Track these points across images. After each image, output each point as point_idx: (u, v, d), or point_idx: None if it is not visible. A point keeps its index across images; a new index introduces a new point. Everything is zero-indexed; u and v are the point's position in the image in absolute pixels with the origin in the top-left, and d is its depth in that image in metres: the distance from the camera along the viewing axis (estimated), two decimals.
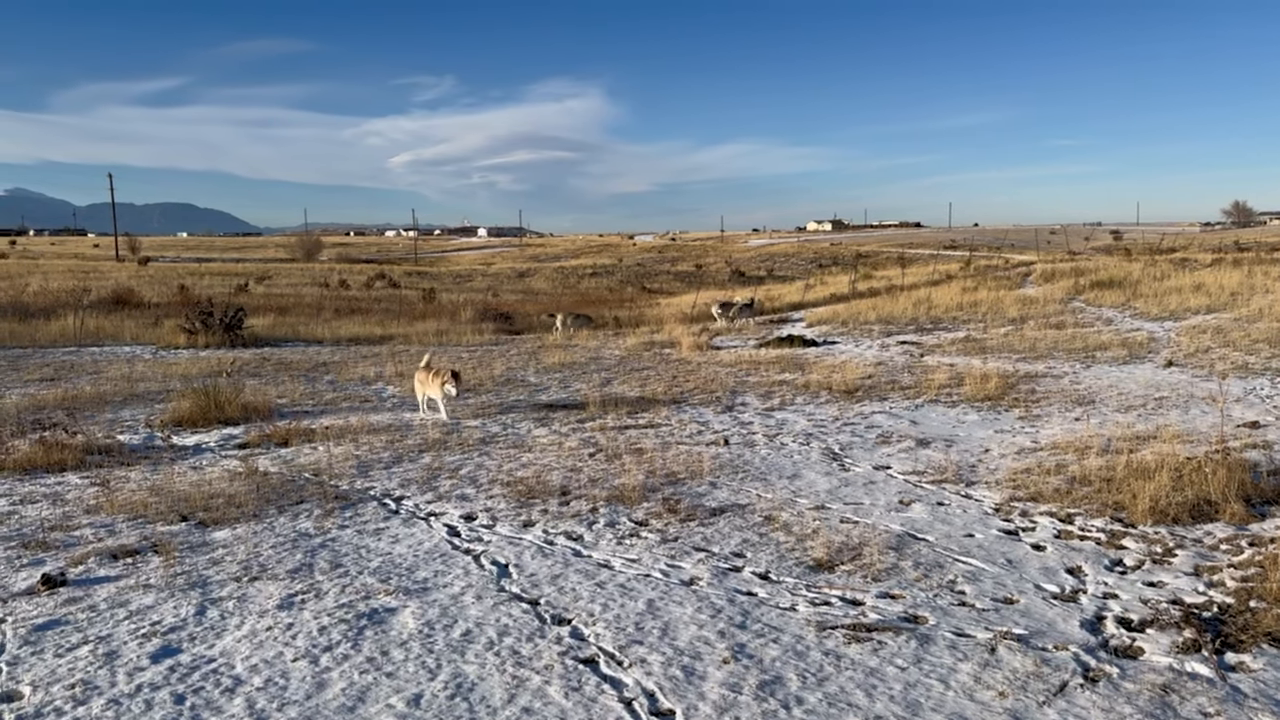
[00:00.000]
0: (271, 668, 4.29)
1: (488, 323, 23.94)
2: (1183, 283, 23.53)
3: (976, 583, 5.22)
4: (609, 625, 4.70)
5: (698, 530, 6.26)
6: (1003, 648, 4.35)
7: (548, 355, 16.26)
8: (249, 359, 15.87)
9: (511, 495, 7.15)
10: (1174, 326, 17.06)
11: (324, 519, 6.60)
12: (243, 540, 6.14)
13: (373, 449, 8.82)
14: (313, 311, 27.42)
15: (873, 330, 19.26)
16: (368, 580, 5.39)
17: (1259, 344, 14.01)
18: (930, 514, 6.55)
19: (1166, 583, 5.17)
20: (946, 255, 63.27)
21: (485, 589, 5.22)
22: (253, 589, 5.28)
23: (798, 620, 4.75)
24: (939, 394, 11.31)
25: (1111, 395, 10.84)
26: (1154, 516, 6.15)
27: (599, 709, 3.86)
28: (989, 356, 14.44)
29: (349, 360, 15.84)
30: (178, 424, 10.04)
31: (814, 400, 11.25)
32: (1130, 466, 7.03)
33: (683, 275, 64.87)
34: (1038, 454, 8.12)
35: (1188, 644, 4.34)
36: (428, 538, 6.17)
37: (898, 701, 3.89)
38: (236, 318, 18.90)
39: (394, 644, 4.52)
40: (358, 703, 3.95)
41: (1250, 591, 4.94)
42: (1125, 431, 8.58)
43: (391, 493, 7.31)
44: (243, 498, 7.07)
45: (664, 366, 14.71)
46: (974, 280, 29.49)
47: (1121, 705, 3.80)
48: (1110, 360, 13.58)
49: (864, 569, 5.46)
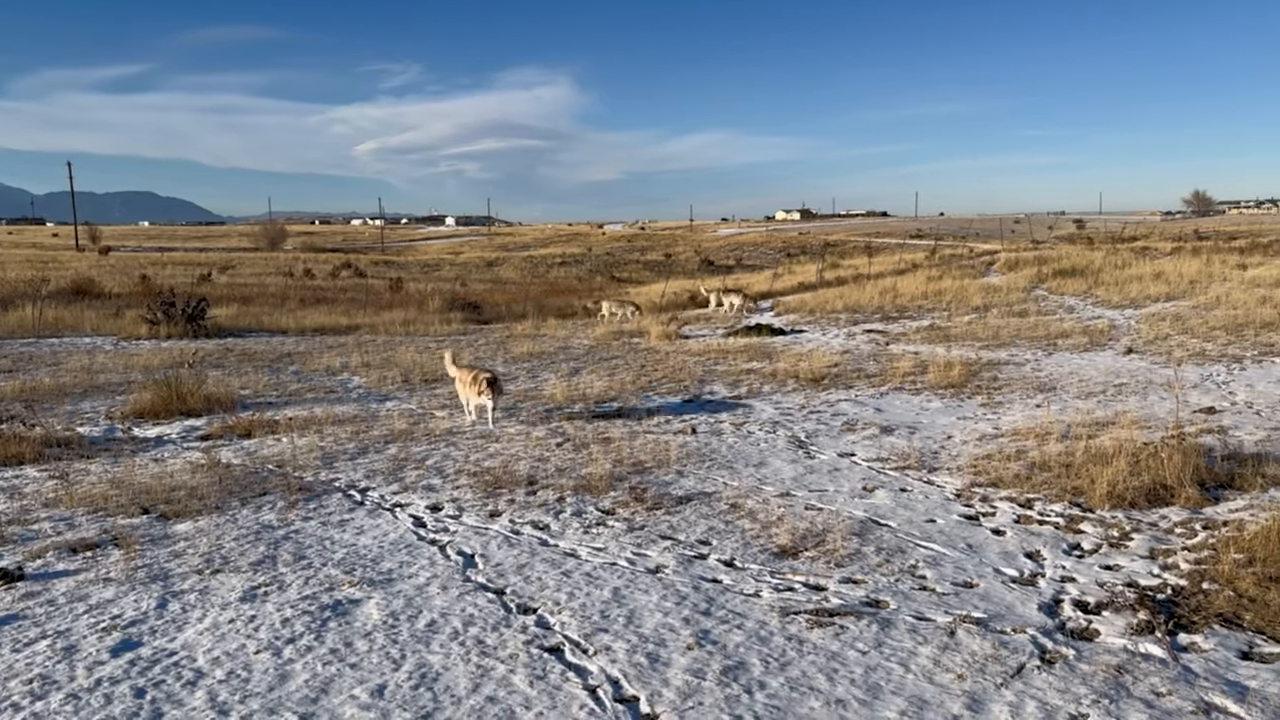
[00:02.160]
0: (234, 660, 4.26)
1: (456, 312, 23.83)
2: (1143, 271, 23.90)
3: (937, 567, 5.29)
4: (574, 614, 4.71)
5: (664, 518, 6.29)
6: (962, 631, 4.42)
7: (516, 345, 16.22)
8: (212, 350, 15.69)
9: (478, 485, 7.14)
10: (1134, 314, 17.32)
11: (287, 511, 6.55)
12: (205, 533, 6.09)
13: (338, 440, 8.76)
14: (277, 301, 27.13)
15: (840, 319, 19.39)
16: (332, 572, 5.36)
17: (1216, 331, 14.27)
18: (893, 500, 6.62)
19: (1123, 566, 5.27)
20: (913, 244, 63.74)
21: (451, 579, 5.22)
22: (215, 581, 5.24)
23: (761, 606, 4.79)
24: (903, 382, 11.42)
25: (1072, 382, 11.00)
26: (1111, 501, 6.26)
27: (563, 697, 3.88)
28: (953, 345, 14.59)
29: (314, 351, 15.71)
30: (139, 416, 9.91)
31: (781, 389, 11.32)
32: (1089, 452, 7.15)
33: (652, 264, 64.90)
34: (999, 440, 8.23)
35: (1142, 626, 4.43)
36: (393, 529, 6.15)
37: (858, 685, 3.94)
38: (199, 308, 18.65)
39: (358, 635, 4.51)
40: (321, 694, 3.94)
41: (1203, 574, 5.05)
42: (1085, 418, 8.72)
43: (356, 484, 7.27)
44: (205, 490, 7.01)
45: (633, 356, 14.72)
46: (939, 269, 29.77)
47: (1076, 686, 3.88)
48: (1071, 348, 13.78)
49: (827, 555, 5.51)
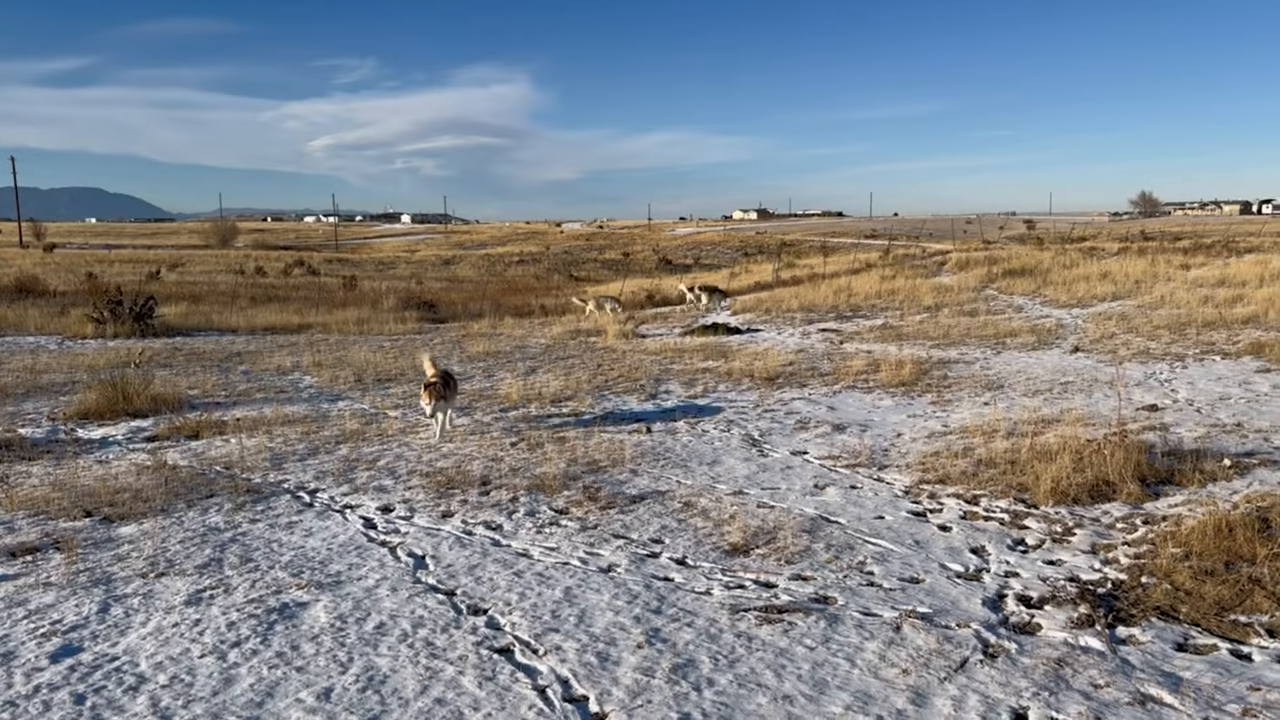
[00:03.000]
0: (177, 665, 4.20)
1: (411, 311, 23.64)
2: (1090, 271, 24.39)
3: (885, 563, 5.36)
4: (525, 614, 4.71)
5: (618, 518, 6.30)
6: (908, 626, 4.49)
7: (472, 344, 16.14)
8: (160, 349, 15.42)
9: (431, 486, 7.10)
10: (1081, 313, 17.67)
11: (235, 513, 6.46)
12: (149, 536, 5.98)
13: (287, 441, 8.65)
14: (227, 300, 26.71)
15: (795, 318, 19.54)
16: (279, 574, 5.30)
17: (1160, 330, 14.60)
18: (843, 497, 6.70)
19: (1065, 561, 5.38)
20: (867, 244, 64.44)
21: (401, 581, 5.18)
22: (159, 585, 5.16)
23: (712, 604, 4.82)
24: (856, 380, 11.54)
25: (1020, 380, 11.20)
26: (1055, 497, 6.39)
27: (512, 697, 3.87)
28: (905, 343, 14.77)
29: (265, 350, 15.49)
30: (83, 417, 9.71)
31: (736, 387, 11.38)
32: (1034, 449, 7.28)
33: (610, 263, 64.88)
34: (947, 438, 8.35)
35: (1082, 619, 4.53)
36: (343, 530, 6.09)
37: (805, 681, 3.98)
38: (147, 306, 18.31)
39: (305, 638, 4.46)
40: (266, 697, 3.90)
41: (1142, 568, 5.17)
42: (1031, 415, 8.88)
43: (306, 485, 7.19)
44: (150, 492, 6.89)
45: (589, 355, 14.72)
46: (892, 269, 30.12)
47: (1018, 680, 3.96)
48: (1020, 346, 14.02)
49: (778, 552, 5.56)
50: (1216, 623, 4.47)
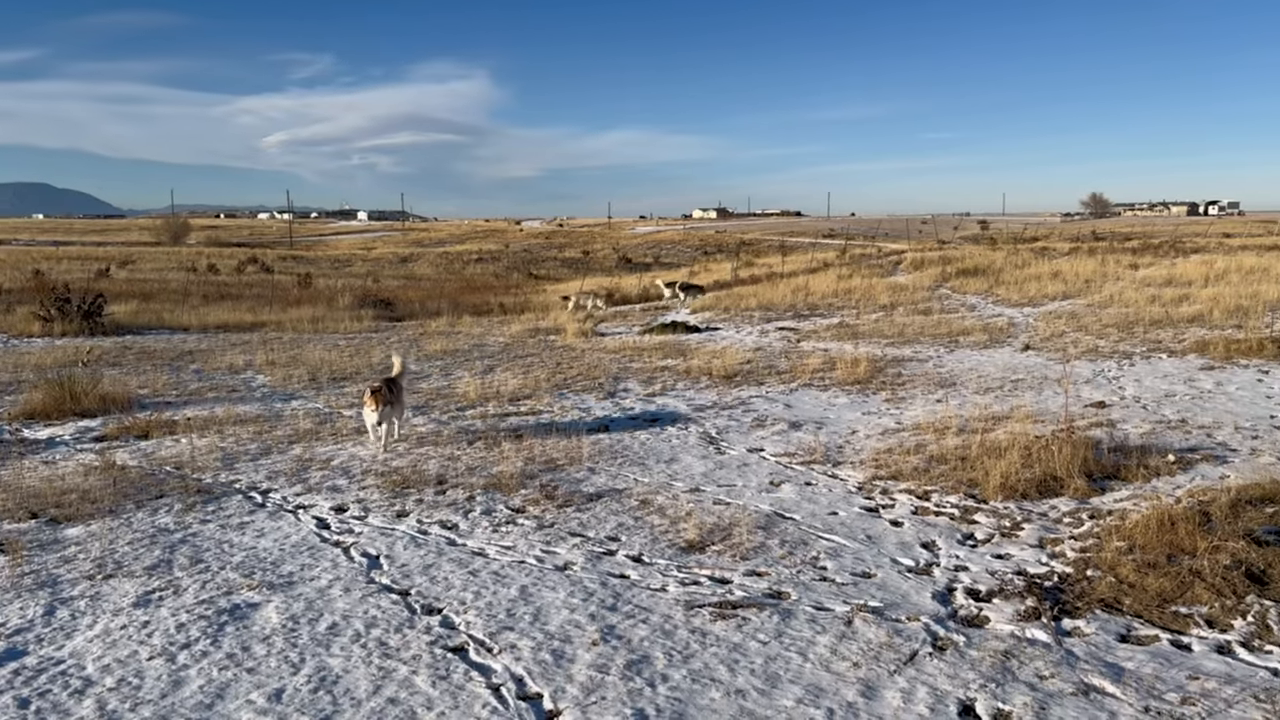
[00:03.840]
0: (125, 667, 4.14)
1: (367, 309, 23.38)
2: (1042, 271, 24.81)
3: (838, 558, 5.43)
4: (480, 613, 4.70)
5: (574, 515, 6.31)
6: (859, 620, 4.55)
7: (430, 343, 16.03)
8: (109, 348, 15.12)
9: (386, 486, 7.05)
10: (1033, 312, 17.98)
11: (185, 514, 6.37)
12: (97, 537, 5.88)
13: (239, 440, 8.54)
14: (179, 298, 26.25)
15: (753, 316, 19.66)
16: (230, 575, 5.24)
17: (1109, 329, 14.91)
18: (798, 494, 6.76)
19: (1013, 555, 5.48)
20: (825, 244, 64.93)
21: (354, 581, 5.15)
22: (107, 587, 5.07)
23: (667, 600, 4.85)
24: (812, 378, 11.65)
25: (972, 378, 11.37)
26: (1004, 492, 6.50)
27: (466, 696, 3.87)
28: (860, 342, 14.93)
29: (217, 348, 15.27)
30: (29, 417, 9.50)
31: (694, 385, 11.43)
32: (984, 445, 7.41)
33: (570, 262, 64.73)
34: (900, 434, 8.47)
35: (1029, 612, 4.63)
36: (295, 531, 6.03)
37: (758, 675, 4.02)
38: (96, 304, 17.96)
39: (256, 639, 4.41)
40: (216, 699, 3.86)
41: (1088, 561, 5.29)
42: (982, 412, 9.03)
43: (258, 485, 7.11)
44: (98, 493, 6.77)
45: (548, 353, 14.69)
46: (849, 268, 30.40)
47: (966, 672, 4.03)
48: (972, 345, 14.24)
49: (733, 548, 5.60)
50: (1158, 614, 4.58)
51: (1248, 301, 16.66)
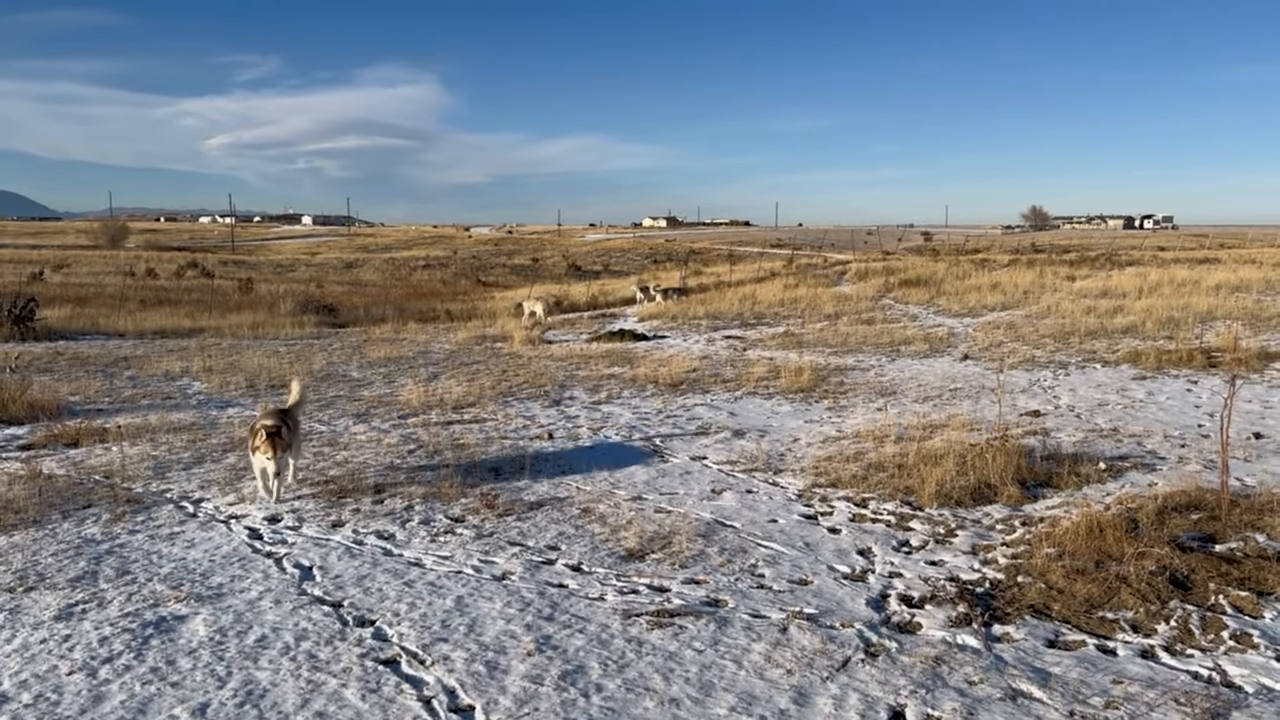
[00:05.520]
0: (43, 682, 4.01)
1: (310, 315, 23.04)
2: (982, 282, 25.29)
3: (776, 566, 5.46)
4: (414, 624, 4.64)
5: (515, 525, 6.26)
6: (794, 627, 4.57)
7: (373, 349, 15.83)
8: (40, 353, 14.70)
9: (322, 495, 6.93)
10: (972, 322, 18.31)
11: (113, 524, 6.20)
12: (20, 548, 5.70)
13: (172, 449, 8.35)
14: (115, 302, 25.61)
15: (701, 325, 19.75)
16: (157, 587, 5.11)
17: (1046, 339, 15.24)
18: (739, 502, 6.79)
19: (946, 561, 5.56)
20: (772, 253, 65.54)
21: (285, 593, 5.05)
22: (28, 600, 4.92)
23: (604, 609, 4.83)
24: (757, 386, 11.72)
25: (912, 386, 11.54)
26: (939, 500, 6.60)
27: (396, 709, 3.81)
28: (805, 350, 15.07)
29: (153, 354, 14.92)
30: None
31: (640, 394, 11.44)
32: (921, 453, 7.51)
33: (519, 269, 64.50)
34: (841, 442, 8.55)
35: (961, 618, 4.69)
36: (226, 541, 5.90)
37: (693, 683, 4.02)
38: (27, 308, 17.45)
39: (181, 653, 4.31)
40: (138, 714, 3.75)
41: (1019, 567, 5.38)
42: (920, 420, 9.16)
43: (190, 495, 6.95)
44: (22, 503, 6.56)
45: (495, 361, 14.60)
46: (795, 278, 30.71)
47: (897, 678, 4.07)
48: (913, 354, 14.45)
49: (673, 557, 5.61)
50: (1085, 619, 4.68)
51: (1179, 313, 17.17)
